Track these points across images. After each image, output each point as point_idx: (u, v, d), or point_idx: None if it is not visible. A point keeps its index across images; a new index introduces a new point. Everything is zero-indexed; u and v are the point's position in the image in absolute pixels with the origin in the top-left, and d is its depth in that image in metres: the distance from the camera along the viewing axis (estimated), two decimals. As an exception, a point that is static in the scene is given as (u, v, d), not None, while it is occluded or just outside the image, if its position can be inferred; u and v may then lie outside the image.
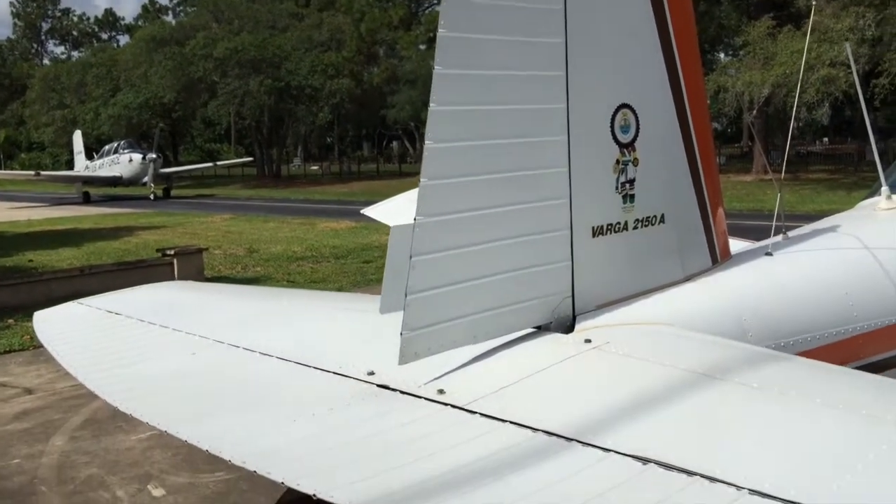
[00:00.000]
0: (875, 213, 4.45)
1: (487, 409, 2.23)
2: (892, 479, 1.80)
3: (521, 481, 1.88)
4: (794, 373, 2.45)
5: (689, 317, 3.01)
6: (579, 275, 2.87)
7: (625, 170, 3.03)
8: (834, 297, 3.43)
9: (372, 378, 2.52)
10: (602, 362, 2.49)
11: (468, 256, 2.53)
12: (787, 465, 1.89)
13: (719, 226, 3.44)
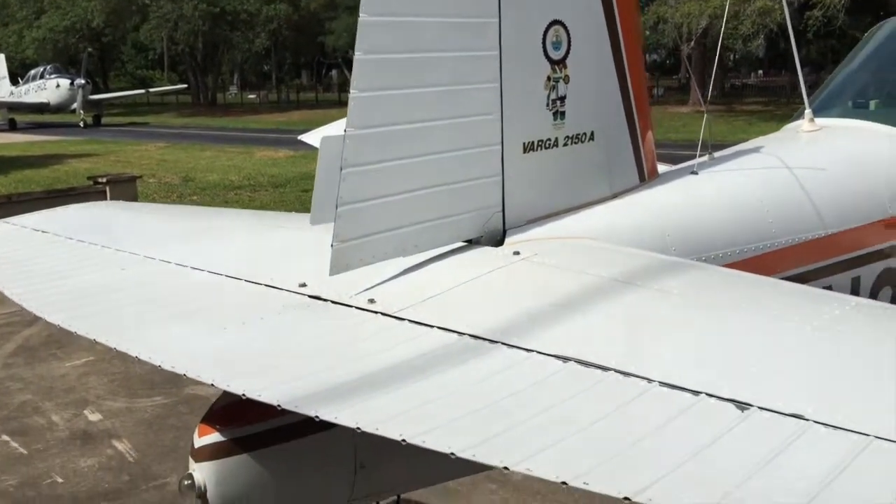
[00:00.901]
0: (798, 135, 4.60)
1: (416, 316, 2.29)
2: (789, 366, 1.93)
3: (446, 380, 1.95)
4: (707, 279, 2.57)
5: (615, 232, 3.10)
6: (510, 190, 2.92)
7: (556, 87, 3.07)
8: (754, 213, 3.56)
9: (304, 290, 2.56)
10: (528, 272, 2.56)
11: (399, 169, 2.55)
12: (695, 358, 2.01)
13: (647, 145, 3.52)
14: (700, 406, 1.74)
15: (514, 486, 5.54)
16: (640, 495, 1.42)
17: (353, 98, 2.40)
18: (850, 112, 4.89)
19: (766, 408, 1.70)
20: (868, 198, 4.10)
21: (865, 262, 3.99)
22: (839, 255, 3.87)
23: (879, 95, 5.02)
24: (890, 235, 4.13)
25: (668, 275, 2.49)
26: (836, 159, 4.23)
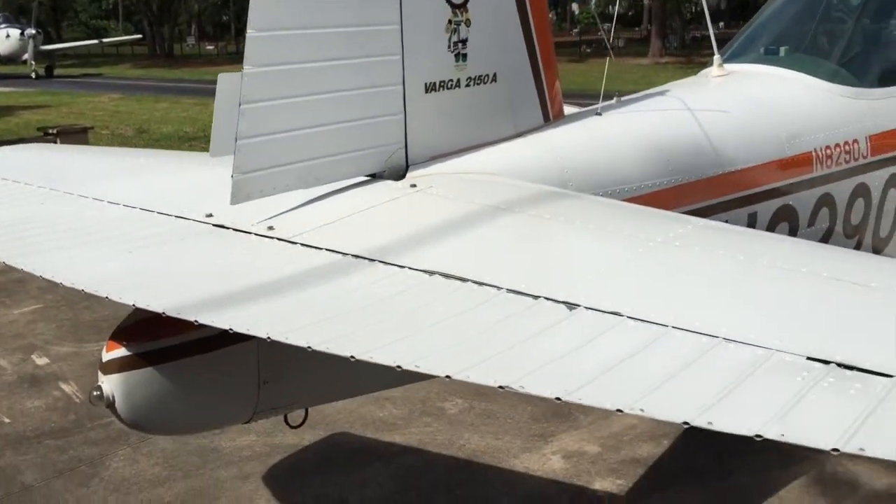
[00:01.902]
0: (706, 80, 4.82)
1: (308, 240, 2.48)
2: (617, 273, 2.18)
3: (325, 290, 2.17)
4: (576, 205, 2.80)
5: (515, 168, 3.30)
6: (412, 128, 3.10)
7: (457, 30, 3.23)
8: (653, 152, 3.77)
9: (209, 219, 2.73)
10: (418, 202, 2.76)
11: (297, 106, 2.71)
12: (541, 268, 2.24)
13: (552, 87, 3.70)
14: (537, 307, 1.98)
15: (449, 420, 5.82)
16: (461, 374, 1.66)
17: (249, 37, 2.55)
18: (761, 59, 5.12)
19: (591, 307, 1.94)
20: (767, 138, 4.34)
21: (762, 199, 4.25)
22: (736, 192, 4.11)
23: (789, 43, 5.25)
24: (787, 174, 4.39)
25: (543, 203, 2.71)
26: (738, 102, 4.46)
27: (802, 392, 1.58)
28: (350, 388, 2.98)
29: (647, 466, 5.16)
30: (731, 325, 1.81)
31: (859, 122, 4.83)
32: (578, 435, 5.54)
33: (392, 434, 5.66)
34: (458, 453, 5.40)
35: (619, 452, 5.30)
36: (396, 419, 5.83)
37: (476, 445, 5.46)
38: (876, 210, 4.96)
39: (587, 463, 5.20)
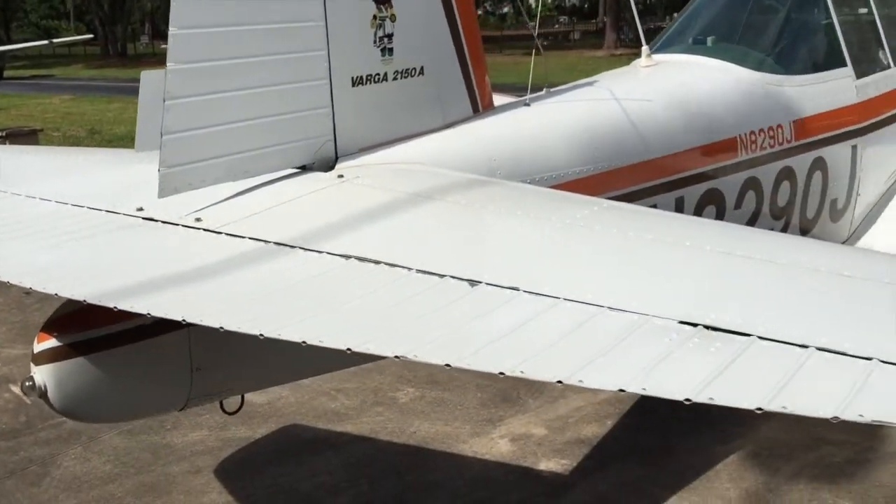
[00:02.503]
0: (635, 70, 4.98)
1: (234, 230, 2.57)
2: (521, 252, 2.31)
3: (243, 275, 2.27)
4: (497, 192, 2.92)
5: (443, 158, 3.42)
6: (340, 120, 3.20)
7: (382, 25, 3.33)
8: (579, 140, 3.91)
9: (139, 213, 2.81)
10: (344, 192, 2.87)
11: (223, 101, 2.80)
12: (448, 250, 2.37)
13: (480, 79, 3.82)
14: (443, 284, 2.11)
15: (400, 408, 5.93)
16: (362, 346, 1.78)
17: (171, 35, 2.63)
18: (689, 49, 5.29)
19: (492, 283, 2.08)
20: (692, 125, 4.51)
21: (689, 184, 4.41)
22: (663, 178, 4.27)
23: (716, 33, 5.44)
24: (713, 159, 4.56)
25: (461, 190, 2.83)
26: (664, 90, 4.62)
27: (669, 351, 1.71)
28: (285, 373, 3.07)
29: (591, 447, 5.32)
30: (614, 295, 1.94)
31: (783, 109, 5.03)
32: (526, 419, 5.69)
33: (344, 424, 5.75)
34: (408, 440, 5.51)
35: (564, 434, 5.46)
36: (349, 409, 5.93)
37: (426, 432, 5.58)
38: (802, 192, 5.16)
39: (533, 445, 5.35)
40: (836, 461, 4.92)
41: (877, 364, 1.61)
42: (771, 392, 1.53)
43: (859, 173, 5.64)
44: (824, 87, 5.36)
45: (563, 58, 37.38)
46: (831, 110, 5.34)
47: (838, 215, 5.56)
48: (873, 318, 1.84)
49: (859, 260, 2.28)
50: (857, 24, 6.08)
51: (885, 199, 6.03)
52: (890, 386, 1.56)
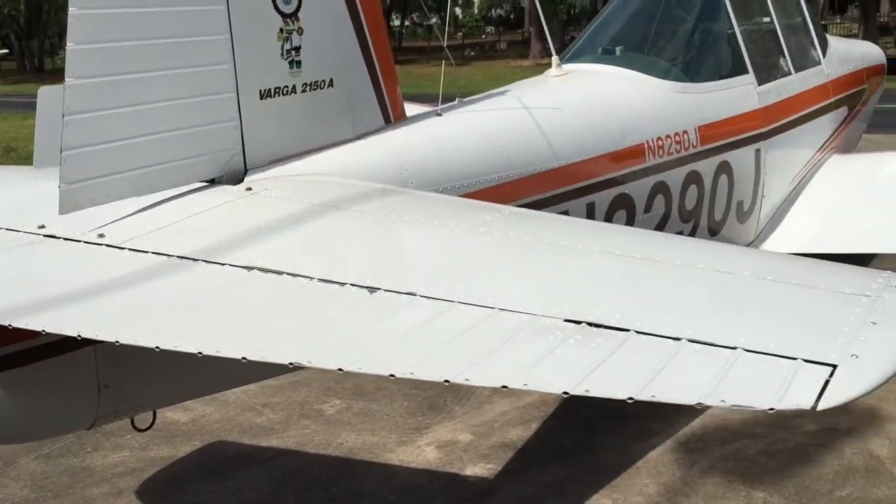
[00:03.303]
0: (545, 80, 5.11)
1: (137, 245, 2.56)
2: (419, 258, 2.38)
3: (144, 290, 2.28)
4: (402, 200, 2.99)
5: (354, 169, 3.46)
6: (248, 133, 3.21)
7: (290, 38, 3.36)
8: (490, 149, 4.00)
9: (41, 230, 2.77)
10: (251, 204, 2.88)
11: (125, 116, 2.78)
12: (350, 260, 2.42)
13: (391, 90, 3.87)
14: (344, 292, 2.16)
15: (326, 420, 5.92)
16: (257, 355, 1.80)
17: (69, 50, 2.61)
18: (598, 58, 5.46)
19: (390, 289, 2.13)
20: (601, 132, 4.65)
21: (599, 190, 4.55)
22: (573, 184, 4.39)
23: (625, 43, 5.62)
24: (621, 165, 4.70)
25: (368, 199, 2.88)
26: (574, 99, 4.76)
27: (552, 348, 1.79)
28: (197, 387, 3.06)
29: (516, 449, 5.40)
30: (506, 297, 2.02)
31: (688, 115, 5.22)
32: (452, 425, 5.74)
33: (270, 438, 5.71)
34: (335, 452, 5.51)
35: (490, 438, 5.53)
36: (274, 424, 5.89)
37: (353, 443, 5.58)
38: (709, 195, 5.36)
39: (459, 451, 5.40)
40: (750, 453, 5.10)
41: (741, 353, 1.71)
42: (642, 382, 1.62)
43: (763, 176, 5.89)
44: (727, 94, 5.59)
45: (490, 68, 37.82)
46: (734, 116, 5.56)
47: (745, 217, 5.78)
48: (741, 311, 1.95)
49: (733, 256, 2.41)
50: (758, 33, 6.35)
51: (790, 201, 6.30)
52: (751, 373, 1.67)
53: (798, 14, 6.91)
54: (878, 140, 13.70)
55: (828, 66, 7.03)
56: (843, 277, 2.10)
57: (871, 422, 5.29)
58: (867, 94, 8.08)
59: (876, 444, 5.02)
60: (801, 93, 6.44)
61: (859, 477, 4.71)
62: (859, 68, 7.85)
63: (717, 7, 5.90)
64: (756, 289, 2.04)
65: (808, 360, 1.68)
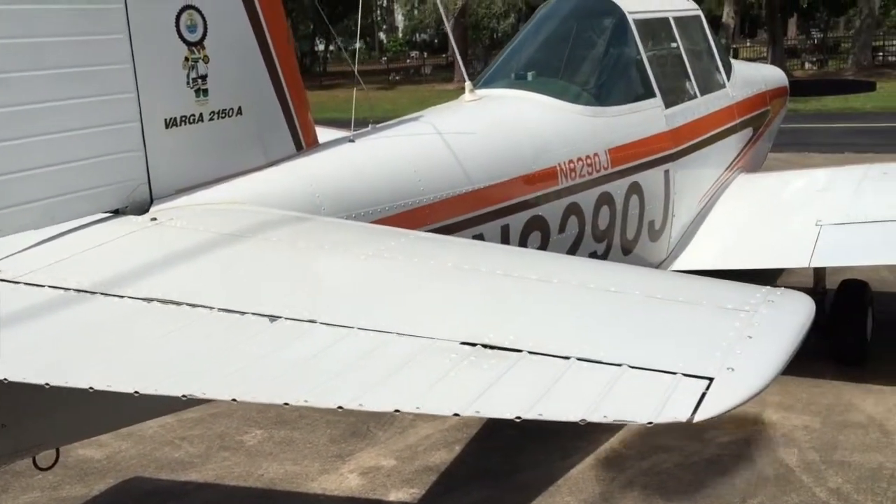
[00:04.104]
0: (459, 105, 5.19)
1: (33, 279, 2.50)
2: (320, 285, 2.39)
3: (40, 324, 2.22)
4: (311, 228, 2.99)
5: (265, 196, 3.44)
6: (154, 163, 3.17)
7: (195, 66, 3.34)
8: (403, 174, 4.04)
9: None
10: (155, 235, 2.84)
11: (24, 147, 2.72)
12: (249, 290, 2.42)
13: (302, 117, 3.88)
14: (244, 321, 2.15)
15: (247, 452, 5.82)
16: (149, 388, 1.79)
17: (-33, 80, 2.54)
18: (511, 83, 5.57)
19: (291, 317, 2.13)
20: (513, 156, 4.74)
21: (513, 212, 4.63)
22: (487, 207, 4.46)
23: (537, 68, 5.75)
24: (535, 187, 4.80)
25: (275, 227, 2.88)
26: (487, 123, 4.85)
27: (446, 371, 1.82)
28: (101, 422, 2.98)
29: (439, 473, 5.40)
30: (405, 321, 2.04)
31: (599, 138, 5.37)
32: (375, 451, 5.71)
33: (188, 472, 5.58)
34: (256, 483, 5.41)
35: (413, 463, 5.52)
36: (193, 457, 5.76)
37: (275, 473, 5.50)
38: (621, 216, 5.51)
39: (383, 477, 5.37)
40: (666, 467, 5.22)
41: (626, 369, 1.77)
42: (530, 401, 1.66)
43: (673, 196, 6.08)
44: (636, 117, 5.77)
45: (415, 92, 38.07)
46: (643, 138, 5.74)
47: (656, 235, 5.95)
48: (628, 329, 2.02)
49: (624, 275, 2.49)
50: (664, 59, 6.58)
51: (700, 219, 6.52)
52: (634, 388, 1.72)
53: (703, 40, 7.18)
54: (786, 158, 14.32)
55: (732, 90, 7.32)
56: (725, 293, 2.19)
57: (780, 431, 5.48)
58: (771, 116, 8.43)
59: (785, 453, 5.20)
60: (707, 115, 6.69)
61: (770, 485, 4.86)
62: (763, 91, 8.19)
63: (625, 33, 6.10)
64: (644, 307, 2.12)
65: (687, 375, 1.74)
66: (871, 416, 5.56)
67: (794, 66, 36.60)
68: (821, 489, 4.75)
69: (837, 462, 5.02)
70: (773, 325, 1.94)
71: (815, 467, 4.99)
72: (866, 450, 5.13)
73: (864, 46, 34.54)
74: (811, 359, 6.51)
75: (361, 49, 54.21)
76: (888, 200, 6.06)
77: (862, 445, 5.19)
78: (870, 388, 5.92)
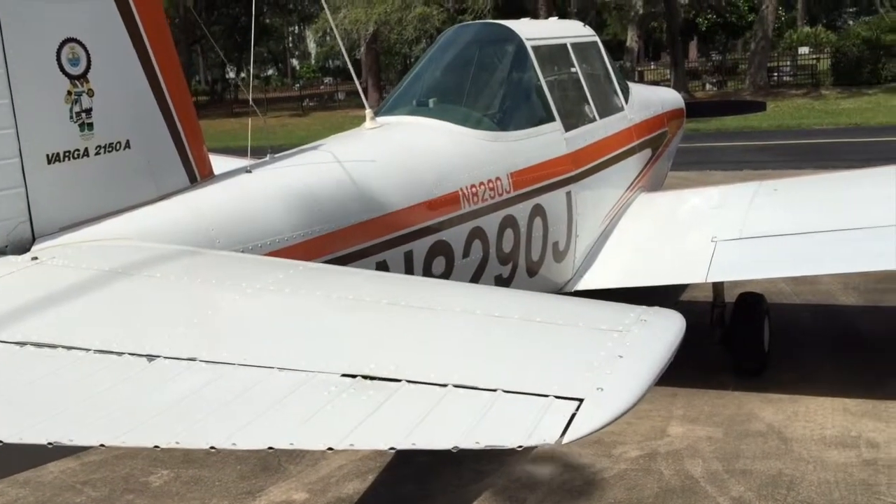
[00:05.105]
0: (360, 133, 5.20)
1: None
2: (196, 322, 2.36)
3: None
4: (197, 263, 2.94)
5: (155, 231, 3.37)
6: (35, 200, 3.07)
7: (79, 100, 3.26)
8: (302, 204, 4.01)
9: None
10: (35, 274, 2.75)
11: None
12: (132, 328, 2.37)
13: (196, 149, 3.82)
14: (121, 362, 2.10)
15: (153, 493, 5.63)
16: (14, 437, 1.72)
17: None
18: (413, 110, 5.62)
19: (171, 356, 2.09)
20: (415, 182, 4.77)
21: (416, 238, 4.65)
22: (390, 234, 4.47)
23: (437, 95, 5.82)
24: (437, 213, 4.83)
25: (163, 263, 2.82)
26: (388, 151, 4.87)
27: (324, 404, 1.81)
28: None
29: (352, 503, 5.34)
30: (285, 356, 2.03)
31: (501, 162, 5.45)
32: (287, 485, 5.60)
33: (90, 518, 5.37)
34: (162, 525, 5.24)
35: (326, 495, 5.44)
36: (95, 502, 5.54)
37: (182, 514, 5.34)
38: (525, 238, 5.60)
39: (295, 511, 5.28)
40: (577, 484, 5.28)
41: (500, 394, 1.79)
42: (405, 431, 1.66)
43: (576, 217, 6.22)
44: (536, 141, 5.89)
45: (329, 118, 37.96)
46: (544, 161, 5.86)
47: (561, 256, 6.07)
48: (506, 353, 2.05)
49: (506, 300, 2.54)
50: (564, 84, 6.75)
51: (603, 238, 6.67)
52: (506, 413, 1.75)
53: (600, 65, 7.40)
54: (688, 177, 14.83)
55: (630, 112, 7.55)
56: (600, 315, 2.25)
57: (686, 443, 5.62)
58: (669, 136, 8.72)
59: (690, 465, 5.33)
60: (606, 137, 6.88)
61: (677, 497, 4.98)
62: (660, 112, 8.47)
63: (524, 60, 6.23)
64: (523, 331, 2.15)
65: (558, 397, 1.78)
66: (771, 424, 5.76)
67: (696, 88, 38.05)
68: (724, 498, 4.89)
69: (739, 471, 5.17)
70: (644, 344, 1.99)
71: (718, 477, 5.13)
72: (766, 457, 5.31)
73: (759, 67, 36.16)
74: (715, 371, 6.74)
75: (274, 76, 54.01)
76: (779, 216, 6.34)
77: (762, 453, 5.37)
78: (769, 398, 6.14)
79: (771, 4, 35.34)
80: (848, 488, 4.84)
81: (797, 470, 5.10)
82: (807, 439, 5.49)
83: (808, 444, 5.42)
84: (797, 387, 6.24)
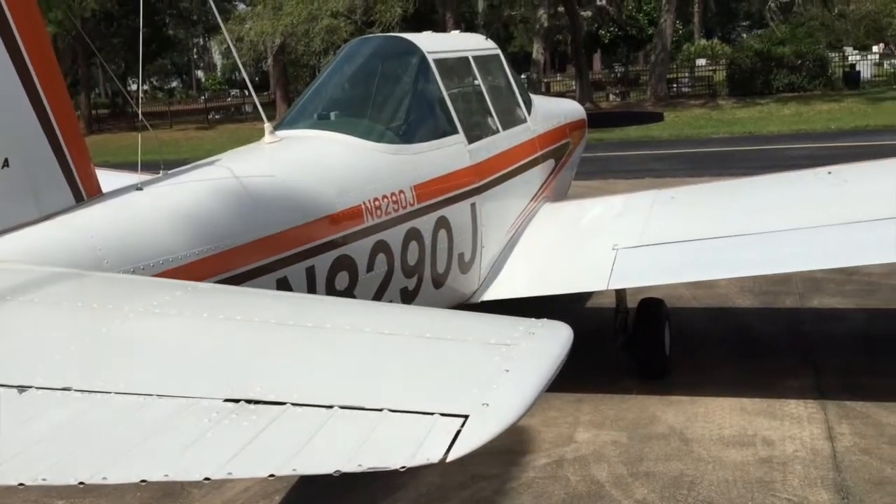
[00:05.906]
0: (258, 147, 5.11)
1: None
2: (79, 349, 2.27)
3: None
4: (77, 286, 2.83)
5: (37, 252, 3.21)
6: None
7: (-51, 118, 3.08)
8: (196, 222, 3.90)
9: None
10: None
11: None
12: (11, 352, 2.25)
13: (81, 167, 3.67)
14: None
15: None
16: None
17: None
18: (314, 124, 5.56)
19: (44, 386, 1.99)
20: (316, 196, 4.70)
21: (318, 253, 4.58)
22: (290, 250, 4.39)
23: (339, 108, 5.77)
24: (339, 227, 4.78)
25: (40, 287, 2.69)
26: (287, 165, 4.79)
27: (204, 431, 1.75)
28: None
29: (259, 525, 5.22)
30: (168, 381, 1.96)
31: (404, 175, 5.44)
32: (191, 510, 5.44)
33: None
34: (57, 560, 5.00)
35: (232, 518, 5.30)
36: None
37: (79, 546, 5.11)
38: (430, 250, 5.60)
39: (199, 537, 5.12)
40: (486, 494, 5.30)
41: (386, 414, 1.77)
42: (286, 457, 1.62)
43: (481, 228, 6.26)
44: (440, 154, 5.90)
45: (236, 131, 37.33)
46: (448, 173, 5.88)
47: (467, 267, 6.09)
48: (394, 371, 2.03)
49: (397, 317, 2.52)
50: (466, 96, 6.80)
51: (508, 248, 6.74)
52: (391, 433, 1.73)
53: (503, 77, 7.49)
54: (593, 185, 15.18)
55: (533, 123, 7.67)
56: (490, 329, 2.26)
57: (592, 448, 5.71)
58: (572, 147, 8.90)
59: (596, 469, 5.42)
60: (509, 149, 6.96)
61: (583, 502, 5.05)
62: (563, 124, 8.63)
63: (426, 73, 6.24)
64: (412, 348, 2.14)
65: (444, 414, 1.77)
66: (672, 426, 5.91)
67: (600, 98, 39.05)
68: (629, 501, 4.98)
69: (643, 473, 5.29)
70: (530, 357, 2.00)
71: (623, 480, 5.23)
72: (668, 459, 5.44)
73: (659, 79, 37.38)
74: (619, 376, 6.88)
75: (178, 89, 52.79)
76: (677, 223, 6.54)
77: (664, 455, 5.50)
78: (671, 400, 6.30)
79: (669, 18, 36.61)
80: (745, 486, 5.01)
81: (697, 470, 5.24)
82: (706, 440, 5.65)
83: (708, 444, 5.58)
84: (697, 388, 6.43)
